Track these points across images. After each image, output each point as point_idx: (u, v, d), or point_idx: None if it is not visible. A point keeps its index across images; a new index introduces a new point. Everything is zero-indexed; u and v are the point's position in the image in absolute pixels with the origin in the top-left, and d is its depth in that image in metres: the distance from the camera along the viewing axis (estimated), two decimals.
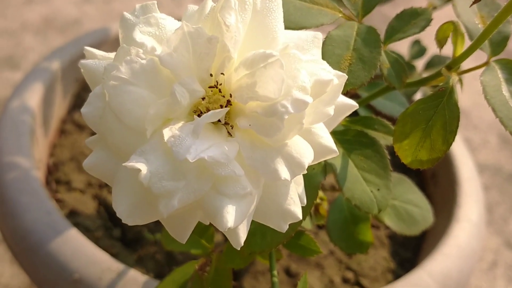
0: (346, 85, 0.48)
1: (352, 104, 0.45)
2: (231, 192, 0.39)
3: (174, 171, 0.38)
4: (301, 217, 0.43)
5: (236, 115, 0.42)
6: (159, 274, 0.83)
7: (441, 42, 0.49)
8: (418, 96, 0.88)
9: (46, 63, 1.01)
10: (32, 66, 1.53)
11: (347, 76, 0.42)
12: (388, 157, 0.53)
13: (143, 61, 0.40)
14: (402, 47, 0.88)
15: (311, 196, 0.48)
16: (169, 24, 0.43)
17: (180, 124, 0.40)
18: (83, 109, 0.42)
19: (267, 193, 0.42)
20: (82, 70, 0.44)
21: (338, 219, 0.62)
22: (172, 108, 0.40)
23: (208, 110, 0.42)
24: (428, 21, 0.53)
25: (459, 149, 0.97)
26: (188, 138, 0.38)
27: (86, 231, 0.88)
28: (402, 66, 0.51)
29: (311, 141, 0.42)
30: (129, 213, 0.40)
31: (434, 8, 0.86)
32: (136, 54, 0.40)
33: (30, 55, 1.71)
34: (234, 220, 0.38)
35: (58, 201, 0.92)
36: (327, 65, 0.42)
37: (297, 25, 0.49)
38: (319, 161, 0.43)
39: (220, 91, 0.43)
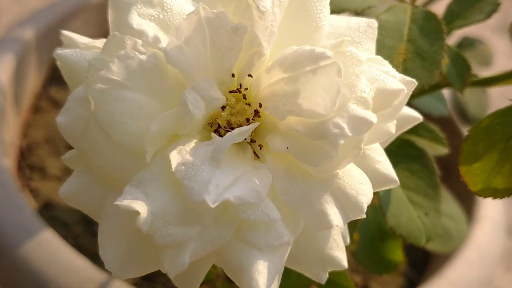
0: None
1: (416, 117, 0.35)
2: (262, 242, 0.28)
3: (185, 213, 0.28)
4: (346, 265, 0.33)
5: (267, 131, 0.31)
6: (148, 280, 0.74)
7: None
8: None
9: (17, 31, 0.88)
10: (6, 29, 1.40)
11: (416, 83, 0.31)
12: (438, 173, 0.43)
13: (143, 57, 0.29)
14: None
15: (351, 227, 0.38)
16: (178, 4, 0.31)
17: (192, 143, 0.30)
18: (59, 118, 0.31)
19: (304, 234, 0.31)
20: (58, 62, 0.33)
21: (363, 234, 0.52)
22: (182, 122, 0.29)
23: (229, 123, 0.31)
24: (496, 5, 0.42)
25: None
26: (205, 167, 0.28)
27: (64, 226, 0.78)
28: (465, 63, 0.40)
29: (364, 168, 0.32)
30: (122, 265, 0.29)
31: None
32: (133, 47, 0.29)
33: (3, 17, 1.57)
34: (266, 281, 0.28)
35: (32, 191, 0.81)
36: (389, 65, 0.31)
37: (338, 6, 0.38)
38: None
39: (244, 97, 0.32)
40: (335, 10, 0.38)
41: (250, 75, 0.31)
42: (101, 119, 0.29)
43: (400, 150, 0.43)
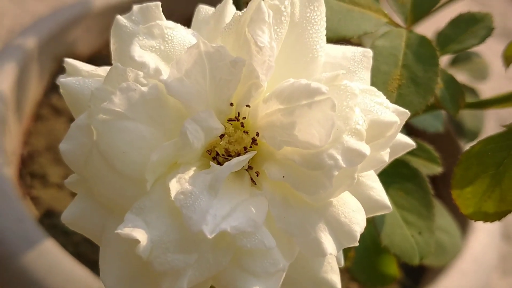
0: None
1: (409, 143, 0.36)
2: (258, 269, 0.29)
3: (184, 240, 0.29)
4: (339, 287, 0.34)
5: (264, 159, 0.32)
6: None
7: (508, 60, 0.40)
8: None
9: (19, 39, 0.89)
10: (7, 33, 1.40)
11: (409, 114, 0.32)
12: (431, 192, 0.44)
13: (144, 89, 0.30)
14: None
15: (346, 249, 0.39)
16: (178, 35, 0.32)
17: (191, 171, 0.31)
18: (62, 145, 0.32)
19: (299, 258, 0.32)
20: (61, 90, 0.34)
21: (359, 249, 0.53)
22: (182, 151, 0.30)
23: (227, 151, 0.32)
24: (490, 30, 0.43)
25: None
26: (204, 196, 0.29)
27: (64, 234, 0.79)
28: (458, 87, 0.41)
29: (358, 194, 0.33)
30: None
31: None
32: (135, 79, 0.30)
33: (4, 20, 1.58)
34: None
35: (33, 198, 0.82)
36: (383, 96, 0.32)
37: (335, 33, 0.39)
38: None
39: (242, 125, 0.33)
40: (332, 36, 0.39)
41: (248, 105, 0.32)
42: (103, 149, 0.30)
43: (395, 170, 0.44)
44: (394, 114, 0.31)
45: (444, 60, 0.81)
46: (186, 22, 0.38)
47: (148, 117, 0.30)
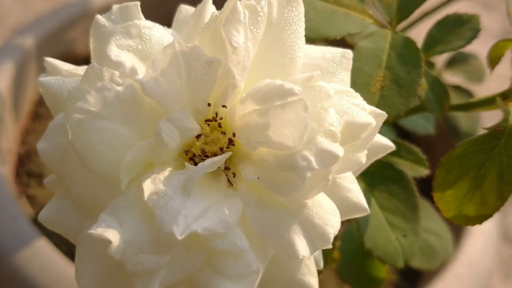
0: None
1: (388, 145, 0.36)
2: (231, 271, 0.29)
3: (156, 241, 0.29)
4: None
5: (241, 159, 0.32)
6: None
7: (493, 62, 0.39)
8: None
9: (18, 39, 0.89)
10: (10, 32, 1.41)
11: (386, 115, 0.32)
12: (417, 194, 0.44)
13: (119, 88, 0.30)
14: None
15: (326, 252, 0.38)
16: (156, 35, 0.32)
17: (166, 172, 0.31)
18: (39, 145, 0.32)
19: (275, 260, 0.32)
20: (40, 90, 0.34)
21: (348, 250, 0.53)
22: (157, 151, 0.30)
23: (203, 152, 0.32)
24: (476, 31, 0.43)
25: None
26: (177, 197, 0.29)
27: (58, 233, 0.79)
28: (443, 89, 0.41)
29: (335, 196, 0.32)
30: None
31: None
32: (111, 78, 0.30)
33: (8, 19, 1.59)
34: None
35: (29, 197, 0.82)
36: (360, 98, 0.32)
37: (318, 34, 0.39)
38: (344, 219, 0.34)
39: (220, 125, 0.33)
40: (315, 37, 0.39)
41: (224, 106, 0.32)
42: (78, 148, 0.30)
43: (380, 172, 0.44)
44: (370, 116, 0.31)
45: (440, 61, 0.81)
46: None
47: (124, 117, 0.30)
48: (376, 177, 0.43)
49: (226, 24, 0.30)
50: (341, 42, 0.40)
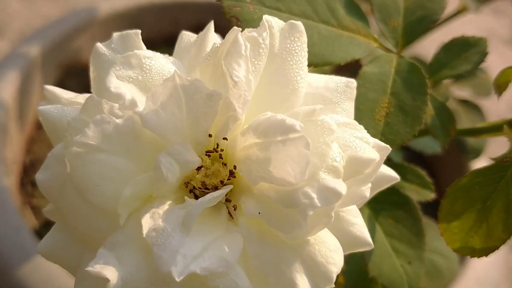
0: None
1: (393, 176, 0.35)
2: None
3: (154, 279, 0.28)
4: None
5: (242, 192, 0.32)
6: None
7: (501, 88, 0.38)
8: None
9: (23, 47, 0.89)
10: (18, 35, 1.41)
11: (390, 149, 0.31)
12: (422, 219, 0.44)
13: (119, 121, 0.29)
14: (427, 50, 0.77)
15: None
16: (157, 65, 0.32)
17: (165, 206, 0.30)
18: (38, 175, 0.32)
19: None
20: (40, 118, 0.34)
21: (352, 274, 0.52)
22: (156, 185, 0.30)
23: (203, 184, 0.31)
24: (483, 55, 0.42)
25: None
26: (176, 234, 0.28)
27: None
28: (449, 115, 0.40)
29: (338, 230, 0.32)
30: None
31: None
32: (110, 111, 0.30)
33: (15, 23, 1.59)
34: None
35: (33, 208, 0.82)
36: (364, 130, 0.32)
37: (322, 59, 0.38)
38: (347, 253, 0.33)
39: (221, 156, 0.32)
40: (319, 63, 0.38)
41: (225, 138, 0.31)
42: (76, 181, 0.29)
43: (385, 197, 0.43)
44: (374, 150, 0.31)
45: None
46: (193, 30, 0.38)
47: (123, 150, 0.30)
48: (381, 202, 0.43)
49: (227, 57, 0.29)
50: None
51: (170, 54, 0.35)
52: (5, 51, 1.26)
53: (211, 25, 0.34)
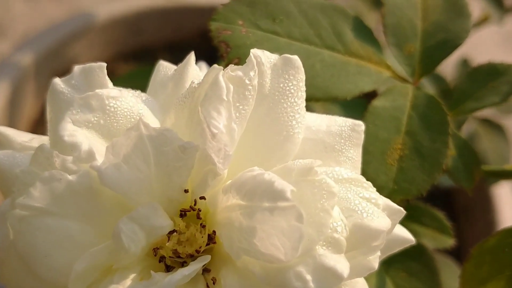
0: (393, 193, 0.32)
1: (407, 239, 0.30)
2: None
3: None
4: None
5: (223, 262, 0.26)
6: None
7: None
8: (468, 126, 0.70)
9: (16, 56, 0.85)
10: (21, 37, 1.38)
11: (404, 212, 0.26)
12: (439, 273, 0.38)
13: (72, 177, 0.24)
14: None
15: None
16: (124, 106, 0.26)
17: (127, 281, 0.25)
18: None
19: None
20: None
21: None
22: (117, 256, 0.24)
23: (176, 253, 0.26)
24: None
25: (503, 190, 0.80)
26: None
27: None
28: (473, 155, 0.35)
29: None
30: None
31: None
32: (62, 165, 0.25)
33: (19, 24, 1.55)
34: None
35: None
36: (372, 188, 0.26)
37: (325, 93, 0.32)
38: None
39: (199, 216, 0.27)
40: (321, 97, 0.32)
41: (203, 197, 0.26)
42: (20, 250, 0.24)
43: None
44: (384, 215, 0.25)
45: None
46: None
47: (78, 212, 0.25)
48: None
49: (205, 103, 0.24)
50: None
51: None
52: (7, 53, 1.22)
53: (191, 57, 0.28)
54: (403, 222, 0.40)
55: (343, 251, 0.24)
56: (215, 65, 0.24)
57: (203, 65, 0.35)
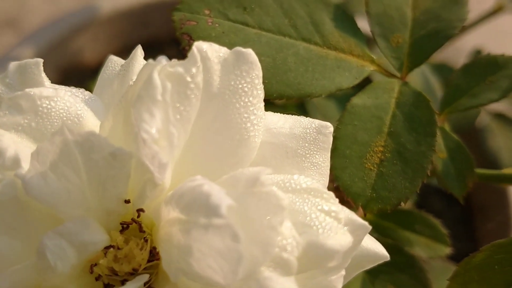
0: (370, 202, 0.29)
1: (380, 255, 0.26)
2: None
3: None
4: None
5: (166, 281, 0.23)
6: None
7: None
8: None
9: (16, 50, 0.83)
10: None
11: (369, 228, 0.23)
12: (431, 285, 0.34)
13: None
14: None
15: None
16: (59, 107, 0.24)
17: None
18: None
19: None
20: None
21: None
22: (43, 275, 0.22)
23: (112, 271, 0.23)
24: None
25: None
26: None
27: None
28: (467, 158, 0.31)
29: None
30: None
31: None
32: None
33: (34, 17, 1.55)
34: None
35: None
36: (334, 199, 0.23)
37: (297, 90, 0.29)
38: None
39: (141, 229, 0.24)
40: (293, 95, 0.29)
41: (141, 210, 0.23)
42: None
43: None
44: (345, 231, 0.22)
45: None
46: None
47: (3, 225, 0.22)
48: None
49: (137, 104, 0.21)
50: None
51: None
52: None
53: (137, 50, 0.25)
54: (394, 229, 0.37)
55: (292, 273, 0.21)
56: (150, 60, 0.22)
57: (163, 60, 0.32)
